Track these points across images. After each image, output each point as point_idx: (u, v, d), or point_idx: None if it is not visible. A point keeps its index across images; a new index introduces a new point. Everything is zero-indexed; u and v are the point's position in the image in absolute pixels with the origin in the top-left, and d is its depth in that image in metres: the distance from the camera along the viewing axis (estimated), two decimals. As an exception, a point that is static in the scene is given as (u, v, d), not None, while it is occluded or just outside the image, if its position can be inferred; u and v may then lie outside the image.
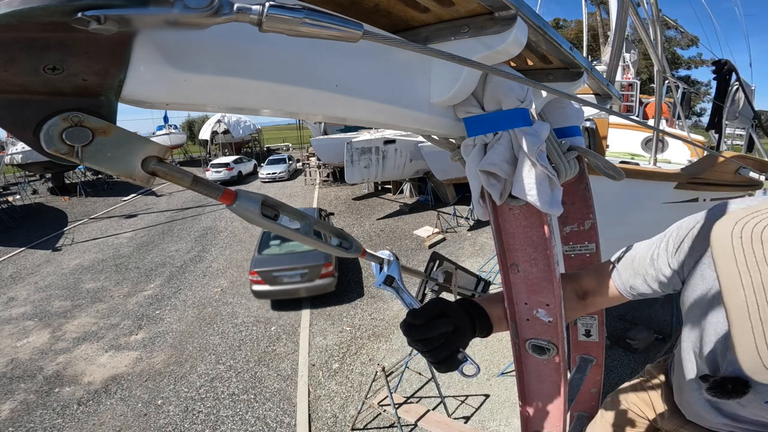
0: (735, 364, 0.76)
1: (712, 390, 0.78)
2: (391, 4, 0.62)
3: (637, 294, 0.98)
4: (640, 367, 5.36)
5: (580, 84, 1.05)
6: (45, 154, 0.37)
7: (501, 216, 0.90)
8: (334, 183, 18.96)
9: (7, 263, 11.25)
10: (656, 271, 0.93)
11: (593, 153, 1.12)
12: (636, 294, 0.98)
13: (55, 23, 0.29)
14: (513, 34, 0.63)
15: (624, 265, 1.00)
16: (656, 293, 0.96)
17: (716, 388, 0.78)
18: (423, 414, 4.46)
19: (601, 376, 1.63)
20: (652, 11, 3.67)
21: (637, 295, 0.98)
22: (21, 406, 5.57)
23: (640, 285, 0.96)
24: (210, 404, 5.39)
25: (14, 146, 17.83)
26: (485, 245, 10.02)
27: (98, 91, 0.37)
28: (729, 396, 0.76)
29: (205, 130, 30.03)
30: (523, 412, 1.05)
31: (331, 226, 0.73)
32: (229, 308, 7.91)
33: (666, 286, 0.93)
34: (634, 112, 6.94)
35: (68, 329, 7.51)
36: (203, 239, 12.30)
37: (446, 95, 0.73)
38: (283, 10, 0.33)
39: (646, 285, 0.95)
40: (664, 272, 0.91)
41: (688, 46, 27.77)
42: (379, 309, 7.41)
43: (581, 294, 1.10)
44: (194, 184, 0.47)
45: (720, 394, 0.78)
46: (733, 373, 0.77)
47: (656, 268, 0.92)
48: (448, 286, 4.80)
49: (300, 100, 0.54)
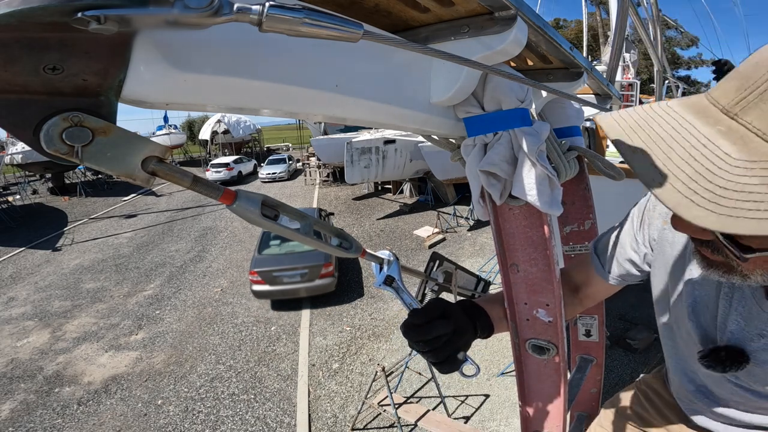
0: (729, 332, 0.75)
1: (705, 360, 0.76)
2: (391, 4, 0.62)
3: (618, 277, 0.99)
4: (640, 366, 5.35)
5: (580, 84, 1.05)
6: (45, 154, 0.37)
7: (501, 216, 0.90)
8: (334, 183, 18.97)
9: (7, 263, 11.25)
10: (624, 249, 0.95)
11: (593, 153, 1.12)
12: (617, 277, 0.99)
13: (55, 23, 0.29)
14: (513, 34, 0.63)
15: (600, 250, 1.02)
16: (633, 276, 0.97)
17: (709, 356, 0.76)
18: (423, 414, 4.46)
19: (601, 376, 1.63)
20: (652, 11, 3.68)
21: (619, 278, 0.99)
22: (21, 406, 5.57)
23: (616, 267, 0.98)
24: (210, 404, 5.39)
25: (14, 146, 17.84)
26: (485, 245, 10.03)
27: (98, 91, 0.37)
28: (725, 367, 0.74)
29: (205, 130, 30.05)
30: (523, 412, 1.05)
31: (331, 226, 0.73)
32: (229, 308, 7.91)
33: (637, 264, 0.94)
34: (634, 112, 6.93)
35: (68, 329, 7.51)
36: (203, 239, 12.30)
37: (446, 95, 0.73)
38: (283, 10, 0.33)
39: (620, 266, 0.97)
40: (633, 247, 0.94)
41: (688, 46, 27.78)
42: (379, 309, 7.41)
43: (573, 288, 1.11)
44: (194, 184, 0.47)
45: (714, 364, 0.75)
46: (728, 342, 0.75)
47: (624, 246, 0.95)
48: (448, 286, 4.81)
49: (300, 100, 0.54)
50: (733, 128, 0.46)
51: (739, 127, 0.46)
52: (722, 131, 0.47)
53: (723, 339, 0.77)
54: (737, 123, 0.46)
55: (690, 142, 0.48)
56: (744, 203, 0.42)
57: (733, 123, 0.46)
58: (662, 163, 0.47)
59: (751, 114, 0.45)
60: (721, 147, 0.46)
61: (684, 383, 0.94)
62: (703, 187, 0.44)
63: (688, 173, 0.46)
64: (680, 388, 0.98)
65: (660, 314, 0.95)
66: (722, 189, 0.44)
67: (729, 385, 0.81)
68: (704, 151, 0.46)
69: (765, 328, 0.70)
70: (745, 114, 0.46)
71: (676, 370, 0.97)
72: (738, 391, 0.80)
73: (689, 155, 0.47)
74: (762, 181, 0.43)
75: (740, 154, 0.45)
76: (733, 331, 0.75)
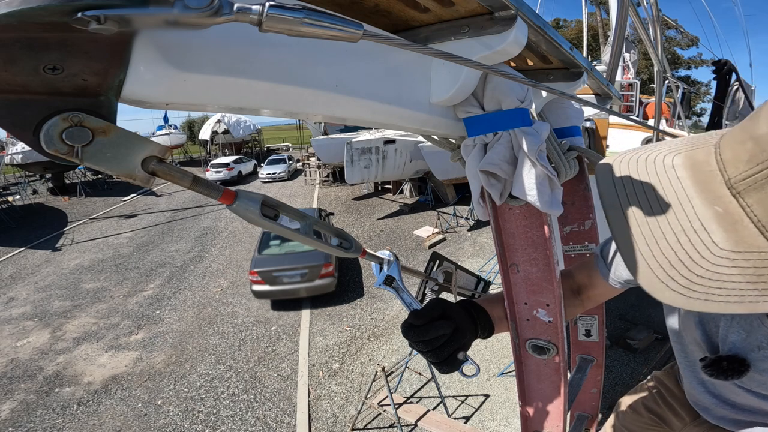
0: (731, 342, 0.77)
1: (708, 369, 0.77)
2: (391, 4, 0.62)
3: (624, 281, 0.98)
4: (640, 367, 5.34)
5: (580, 84, 1.05)
6: (45, 154, 0.37)
7: (501, 216, 0.90)
8: (334, 183, 18.96)
9: (7, 263, 11.25)
10: None
11: (593, 153, 1.12)
12: (622, 282, 0.98)
13: (55, 23, 0.29)
14: (513, 34, 0.63)
15: (606, 253, 1.01)
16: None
17: (711, 366, 0.77)
18: (423, 414, 4.46)
19: (601, 376, 1.63)
20: (652, 11, 3.68)
21: (624, 282, 0.99)
22: (21, 406, 5.57)
23: (623, 272, 0.97)
24: (210, 404, 5.39)
25: (14, 146, 17.83)
26: (485, 245, 10.02)
27: (98, 91, 0.37)
28: (726, 375, 0.75)
29: (205, 130, 30.03)
30: (523, 412, 1.05)
31: (331, 226, 0.73)
32: (229, 308, 7.91)
33: None
34: (634, 112, 6.94)
35: (68, 329, 7.51)
36: (203, 239, 12.29)
37: (446, 95, 0.73)
38: (283, 10, 0.33)
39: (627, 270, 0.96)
40: None
41: (688, 46, 27.76)
42: (379, 309, 7.41)
43: (576, 289, 1.11)
44: (194, 184, 0.47)
45: (716, 373, 0.76)
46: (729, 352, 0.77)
47: None
48: (448, 286, 4.80)
49: (300, 100, 0.54)
50: (729, 211, 0.45)
51: (737, 210, 0.45)
52: (718, 214, 0.46)
53: (725, 349, 0.78)
54: (737, 203, 0.45)
55: (683, 226, 0.47)
56: (714, 290, 0.44)
57: (733, 203, 0.45)
58: (648, 247, 0.47)
59: (753, 196, 0.43)
60: (711, 234, 0.45)
61: (695, 385, 0.96)
62: (681, 274, 0.45)
63: (671, 260, 0.46)
64: (690, 388, 0.99)
65: (669, 319, 0.96)
66: (698, 277, 0.44)
67: (735, 388, 0.83)
68: (693, 238, 0.46)
69: (764, 341, 0.72)
70: (747, 195, 0.44)
71: (685, 372, 0.98)
72: (743, 393, 0.82)
73: (677, 241, 0.46)
74: (740, 272, 0.43)
75: (727, 243, 0.44)
76: (734, 342, 0.76)
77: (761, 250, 0.43)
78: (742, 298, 0.43)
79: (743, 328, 0.75)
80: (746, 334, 0.75)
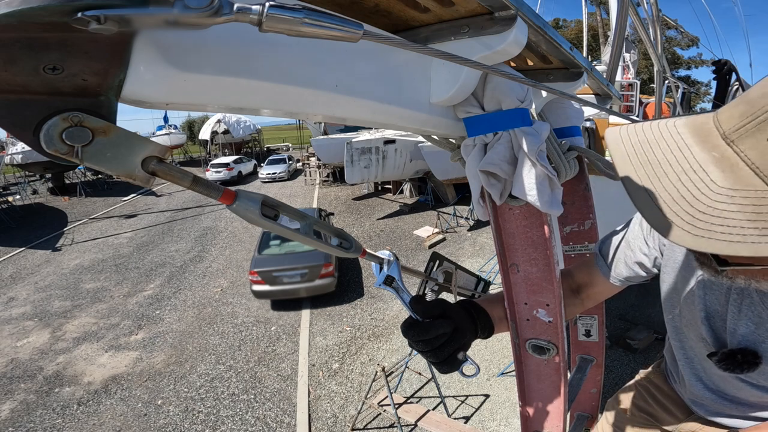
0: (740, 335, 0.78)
1: (722, 363, 0.79)
2: (391, 4, 0.62)
3: (624, 279, 1.00)
4: (640, 366, 5.39)
5: (580, 84, 1.05)
6: (45, 154, 0.37)
7: (501, 216, 0.90)
8: (334, 183, 18.96)
9: (7, 263, 11.25)
10: (633, 252, 0.96)
11: (593, 153, 1.12)
12: (622, 279, 1.00)
13: (55, 23, 0.29)
14: (513, 34, 0.63)
15: (605, 252, 1.03)
16: (639, 276, 0.98)
17: (726, 360, 0.78)
18: (423, 414, 4.46)
19: (601, 376, 1.63)
20: (652, 11, 3.68)
21: (624, 280, 1.00)
22: (21, 406, 5.57)
23: (623, 269, 0.98)
24: (210, 404, 5.39)
25: (14, 146, 17.84)
26: (485, 245, 10.02)
27: (98, 91, 0.37)
28: (741, 368, 0.77)
29: (205, 130, 30.04)
30: (523, 412, 1.05)
31: (331, 226, 0.73)
32: (229, 308, 7.91)
33: (646, 267, 0.95)
34: (634, 112, 6.93)
35: (68, 329, 7.51)
36: (203, 239, 12.30)
37: (446, 95, 0.73)
38: (283, 10, 0.33)
39: (629, 268, 0.97)
40: (643, 251, 0.94)
41: (688, 46, 27.75)
42: (379, 309, 7.41)
43: (575, 288, 1.12)
44: (194, 184, 0.47)
45: (732, 366, 0.78)
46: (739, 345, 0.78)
47: (633, 248, 0.96)
48: (448, 286, 4.79)
49: (300, 100, 0.54)
50: (726, 156, 0.49)
51: (733, 155, 0.49)
52: (716, 158, 0.50)
53: (733, 342, 0.80)
54: (732, 150, 0.49)
55: (683, 166, 0.51)
56: (717, 227, 0.46)
57: (728, 150, 0.49)
58: (652, 185, 0.51)
59: (746, 142, 0.47)
60: (709, 174, 0.49)
61: (693, 381, 0.97)
62: (684, 210, 0.48)
63: (674, 196, 0.50)
64: (689, 385, 1.00)
65: (669, 316, 0.96)
66: (701, 213, 0.47)
67: (738, 382, 0.84)
68: (693, 177, 0.50)
69: None
70: (741, 142, 0.48)
71: (684, 369, 0.99)
72: (746, 387, 0.83)
73: (678, 179, 0.50)
74: (740, 209, 0.46)
75: (725, 182, 0.48)
76: (744, 335, 0.78)
77: (757, 188, 0.46)
78: (744, 237, 0.45)
79: (752, 320, 0.76)
80: (755, 327, 0.76)
